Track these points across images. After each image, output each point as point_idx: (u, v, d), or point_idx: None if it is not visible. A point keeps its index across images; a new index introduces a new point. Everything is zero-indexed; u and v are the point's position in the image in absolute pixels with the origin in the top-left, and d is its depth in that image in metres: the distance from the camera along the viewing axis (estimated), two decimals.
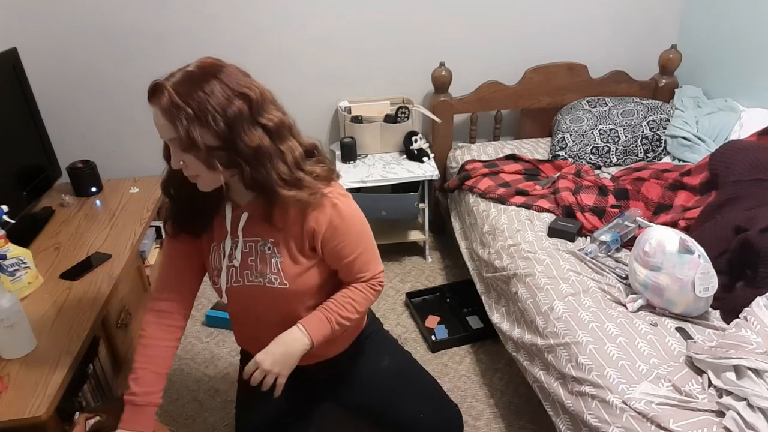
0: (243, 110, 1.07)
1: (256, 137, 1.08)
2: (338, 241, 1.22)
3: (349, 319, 1.28)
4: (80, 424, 1.36)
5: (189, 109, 1.03)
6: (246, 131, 1.08)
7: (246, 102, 1.07)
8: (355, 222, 1.24)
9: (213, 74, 1.07)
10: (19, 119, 2.09)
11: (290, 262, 1.23)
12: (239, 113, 1.06)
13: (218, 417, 1.85)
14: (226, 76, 1.08)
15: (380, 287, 1.33)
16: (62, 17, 2.30)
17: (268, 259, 1.23)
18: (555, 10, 2.59)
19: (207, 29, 2.40)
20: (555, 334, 1.46)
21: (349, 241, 1.23)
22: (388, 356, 1.51)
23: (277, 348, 1.21)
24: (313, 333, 1.23)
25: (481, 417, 1.81)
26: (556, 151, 2.43)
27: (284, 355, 1.21)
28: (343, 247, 1.23)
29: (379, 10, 2.48)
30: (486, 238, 1.99)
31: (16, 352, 1.42)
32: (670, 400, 1.17)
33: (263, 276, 1.24)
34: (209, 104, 1.04)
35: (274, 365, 1.20)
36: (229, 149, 1.08)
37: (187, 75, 1.07)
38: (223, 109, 1.05)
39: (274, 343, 1.22)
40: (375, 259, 1.31)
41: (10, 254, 1.61)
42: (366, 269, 1.29)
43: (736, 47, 2.40)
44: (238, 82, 1.08)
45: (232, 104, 1.06)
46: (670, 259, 1.39)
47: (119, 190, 2.33)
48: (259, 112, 1.09)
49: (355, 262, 1.26)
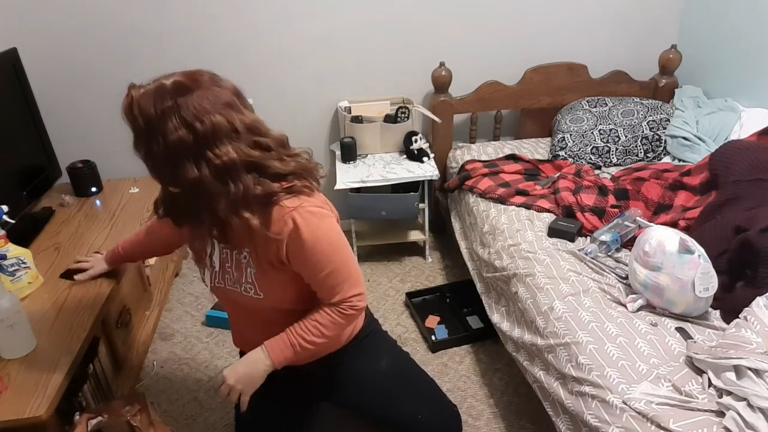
0: (186, 141, 1.04)
1: (193, 171, 1.06)
2: (303, 259, 1.18)
3: (314, 343, 1.25)
4: (81, 424, 1.36)
5: (140, 121, 1.06)
6: (184, 162, 1.06)
7: (191, 133, 1.04)
8: (322, 240, 1.17)
9: (177, 95, 1.05)
10: (19, 119, 2.09)
11: (263, 274, 1.22)
12: (180, 143, 1.04)
13: (218, 417, 1.86)
14: (189, 100, 1.04)
15: (352, 311, 1.25)
16: (62, 17, 2.30)
17: (244, 268, 1.23)
18: (555, 10, 2.59)
19: (207, 29, 2.40)
20: (555, 334, 1.47)
21: (315, 260, 1.18)
22: (386, 357, 1.51)
23: (240, 367, 1.25)
24: (274, 356, 1.24)
25: (481, 417, 1.81)
26: (556, 151, 2.43)
27: (246, 375, 1.24)
28: (311, 265, 1.19)
29: (379, 10, 2.48)
30: (486, 238, 1.99)
31: (16, 352, 1.42)
32: (670, 400, 1.17)
33: (239, 284, 1.25)
34: (156, 124, 1.04)
35: (238, 382, 1.24)
36: (167, 172, 1.09)
37: (157, 89, 1.07)
38: (164, 134, 1.04)
39: (240, 361, 1.26)
40: (349, 281, 1.23)
41: (10, 254, 1.60)
42: (338, 290, 1.23)
43: (736, 47, 2.40)
44: (194, 111, 1.04)
45: (176, 132, 1.04)
46: (670, 259, 1.39)
47: (119, 190, 2.33)
48: (208, 147, 1.06)
49: (325, 280, 1.21)
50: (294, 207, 1.14)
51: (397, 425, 1.43)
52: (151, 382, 2.00)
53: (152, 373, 2.04)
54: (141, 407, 1.46)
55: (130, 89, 1.08)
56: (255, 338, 1.28)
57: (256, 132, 1.12)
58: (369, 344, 1.49)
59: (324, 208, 1.20)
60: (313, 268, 1.19)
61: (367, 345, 1.48)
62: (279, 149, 1.16)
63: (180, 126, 1.04)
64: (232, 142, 1.08)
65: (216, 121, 1.05)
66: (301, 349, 1.24)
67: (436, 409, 1.48)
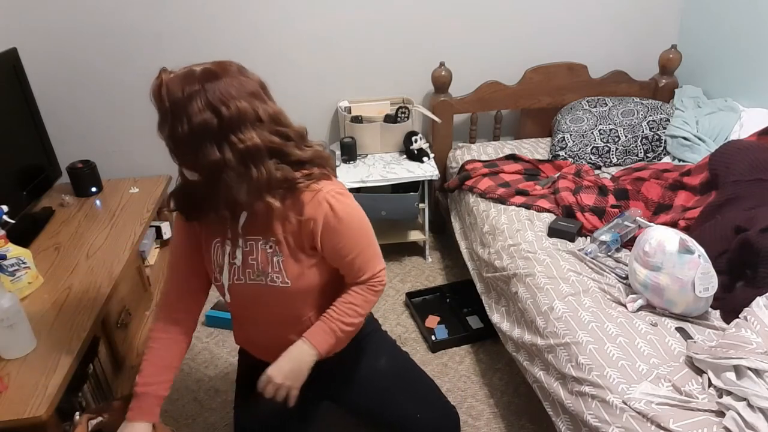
0: (210, 124, 1.07)
1: (215, 153, 1.09)
2: (336, 240, 1.22)
3: (352, 324, 1.29)
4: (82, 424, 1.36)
5: (166, 103, 1.07)
6: (207, 145, 1.08)
7: (216, 116, 1.07)
8: (353, 221, 1.24)
9: (205, 80, 1.07)
10: (19, 119, 2.09)
11: (292, 261, 1.23)
12: (204, 125, 1.06)
13: (218, 417, 1.86)
14: (216, 85, 1.07)
15: (381, 287, 1.33)
16: (62, 17, 2.30)
17: (270, 258, 1.24)
18: (555, 10, 2.59)
19: (207, 29, 2.40)
20: (555, 334, 1.47)
21: (347, 241, 1.23)
22: (386, 356, 1.51)
23: (286, 363, 1.25)
24: (318, 344, 1.26)
25: (481, 417, 1.81)
26: (556, 151, 2.43)
27: (293, 370, 1.25)
28: (342, 246, 1.23)
29: (379, 10, 2.48)
30: (486, 238, 1.99)
31: (16, 352, 1.42)
32: (670, 400, 1.17)
33: (265, 275, 1.25)
34: (182, 106, 1.06)
35: (286, 379, 1.24)
36: (189, 154, 1.11)
37: (186, 74, 1.09)
38: (189, 116, 1.06)
39: (283, 358, 1.25)
40: (375, 258, 1.31)
41: (10, 254, 1.60)
42: (366, 268, 1.28)
43: (736, 47, 2.40)
44: (220, 96, 1.07)
45: (201, 115, 1.06)
46: (670, 259, 1.39)
47: (119, 190, 2.33)
48: (231, 131, 1.08)
49: (354, 261, 1.26)
50: (324, 190, 1.19)
51: (394, 425, 1.43)
52: None
53: None
54: None
55: (161, 73, 1.10)
56: (265, 335, 1.32)
57: (278, 122, 1.16)
58: (369, 343, 1.49)
59: (347, 191, 1.25)
60: (345, 248, 1.24)
61: (367, 344, 1.48)
62: (298, 140, 1.20)
63: (205, 109, 1.06)
64: (255, 129, 1.11)
65: (241, 107, 1.08)
66: (342, 333, 1.28)
67: (435, 410, 1.48)
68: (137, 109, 2.51)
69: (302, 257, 1.24)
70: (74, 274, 1.76)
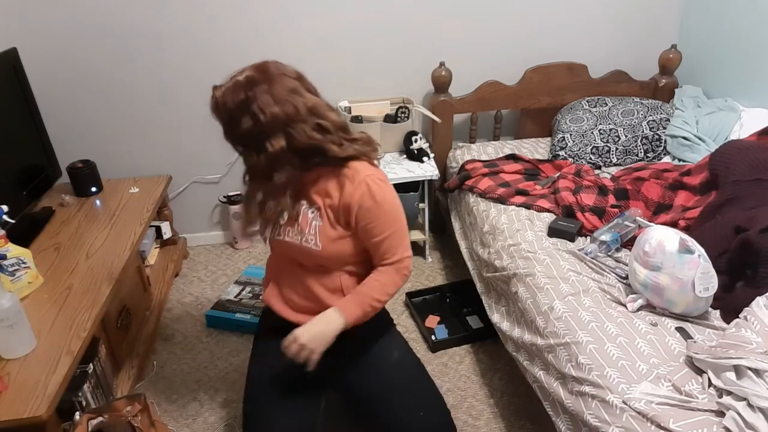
0: (251, 129, 1.24)
1: (252, 156, 1.28)
2: (369, 220, 1.34)
3: (379, 301, 1.40)
4: (82, 424, 1.36)
5: (224, 115, 1.26)
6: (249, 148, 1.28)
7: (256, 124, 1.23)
8: (387, 205, 1.35)
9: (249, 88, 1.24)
10: (19, 119, 2.09)
11: (329, 227, 1.37)
12: (248, 131, 1.24)
13: (218, 417, 1.86)
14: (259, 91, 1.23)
15: (407, 272, 1.43)
16: (62, 17, 2.30)
17: (310, 221, 1.38)
18: (555, 10, 2.59)
19: (207, 29, 2.40)
20: (555, 334, 1.47)
21: (379, 222, 1.35)
22: (399, 351, 1.56)
23: (314, 326, 1.34)
24: (348, 315, 1.37)
25: (481, 417, 1.81)
26: (556, 151, 2.43)
27: (320, 333, 1.34)
28: (374, 227, 1.35)
29: (379, 10, 2.48)
30: (486, 238, 1.99)
31: (16, 352, 1.42)
32: (670, 400, 1.17)
33: (302, 234, 1.39)
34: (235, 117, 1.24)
35: (311, 341, 1.32)
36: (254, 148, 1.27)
37: (233, 86, 1.25)
38: (240, 123, 1.24)
39: (313, 321, 1.35)
40: (403, 245, 1.41)
41: (10, 254, 1.61)
42: (393, 252, 1.39)
43: (736, 47, 2.40)
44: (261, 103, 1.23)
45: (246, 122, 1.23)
46: (670, 259, 1.39)
47: (119, 190, 2.33)
48: (266, 137, 1.25)
49: (383, 242, 1.37)
50: (364, 173, 1.34)
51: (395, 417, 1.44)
52: (151, 382, 2.00)
53: (152, 373, 2.04)
54: (141, 407, 1.47)
55: (214, 90, 1.27)
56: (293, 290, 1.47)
57: (318, 114, 1.29)
58: (386, 333, 1.57)
59: (386, 179, 1.39)
60: (376, 229, 1.36)
61: (385, 333, 1.56)
62: (338, 133, 1.33)
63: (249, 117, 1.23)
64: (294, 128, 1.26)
65: (285, 109, 1.24)
66: (370, 308, 1.40)
67: (437, 415, 1.48)
68: (137, 109, 2.51)
69: (338, 228, 1.37)
70: (74, 274, 1.76)
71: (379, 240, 1.37)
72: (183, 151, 2.63)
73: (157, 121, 2.55)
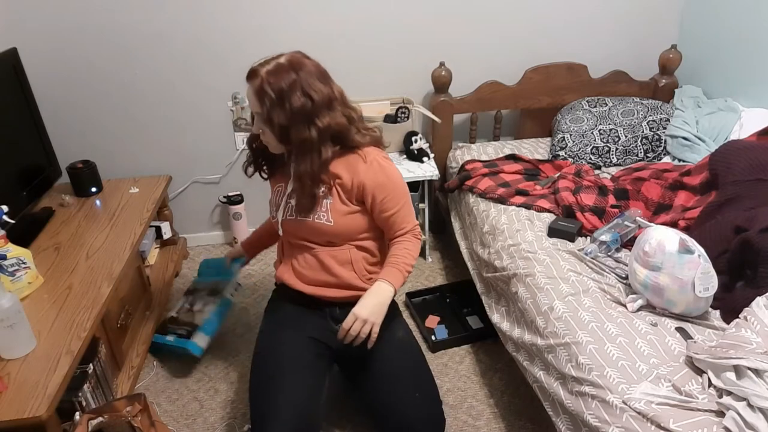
0: (305, 107, 1.35)
1: (305, 131, 1.37)
2: (383, 195, 1.48)
3: (411, 265, 1.54)
4: (82, 424, 1.36)
5: (273, 94, 1.34)
6: (301, 124, 1.37)
7: (310, 101, 1.36)
8: (397, 180, 1.51)
9: (296, 69, 1.37)
10: (19, 119, 2.09)
11: (339, 204, 1.49)
12: (301, 108, 1.35)
13: (218, 417, 1.86)
14: (304, 74, 1.37)
15: (420, 237, 1.60)
16: (62, 17, 2.30)
17: (321, 200, 1.49)
18: (555, 10, 2.59)
19: (207, 29, 2.40)
20: (555, 334, 1.47)
21: (392, 196, 1.49)
22: (403, 331, 1.67)
23: (369, 300, 1.46)
24: (393, 281, 1.49)
25: (481, 417, 1.81)
26: (556, 151, 2.43)
27: (377, 305, 1.46)
28: (387, 201, 1.49)
29: (379, 10, 2.48)
30: (486, 238, 1.99)
31: (16, 352, 1.42)
32: (670, 400, 1.17)
33: (313, 212, 1.49)
34: (286, 94, 1.34)
35: (371, 315, 1.44)
36: (289, 132, 1.38)
37: (277, 66, 1.37)
38: (292, 100, 1.34)
39: (366, 297, 1.46)
40: (411, 214, 1.57)
41: (10, 254, 1.61)
42: (406, 221, 1.55)
43: (736, 47, 2.40)
44: (310, 83, 1.37)
45: (299, 99, 1.35)
46: (670, 259, 1.39)
47: (119, 190, 2.33)
48: (316, 114, 1.37)
49: (397, 214, 1.52)
50: (373, 154, 1.48)
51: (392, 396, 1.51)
52: (151, 382, 2.00)
53: (152, 373, 2.04)
54: (141, 407, 1.47)
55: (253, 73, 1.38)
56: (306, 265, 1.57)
57: (345, 102, 1.47)
58: (393, 312, 1.64)
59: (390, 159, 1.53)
60: (390, 203, 1.49)
61: (392, 311, 1.61)
62: (359, 121, 1.50)
63: (302, 95, 1.35)
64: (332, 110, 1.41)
65: (328, 91, 1.41)
66: (407, 272, 1.53)
67: (431, 399, 1.56)
68: (137, 109, 2.51)
69: (348, 204, 1.49)
70: (74, 274, 1.76)
71: (394, 212, 1.51)
72: (183, 151, 2.63)
73: (157, 121, 2.55)
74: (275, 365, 1.51)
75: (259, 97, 1.36)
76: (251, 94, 1.39)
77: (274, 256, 1.86)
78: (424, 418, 1.51)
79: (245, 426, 1.78)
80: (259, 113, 1.39)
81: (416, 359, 1.63)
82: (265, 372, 1.51)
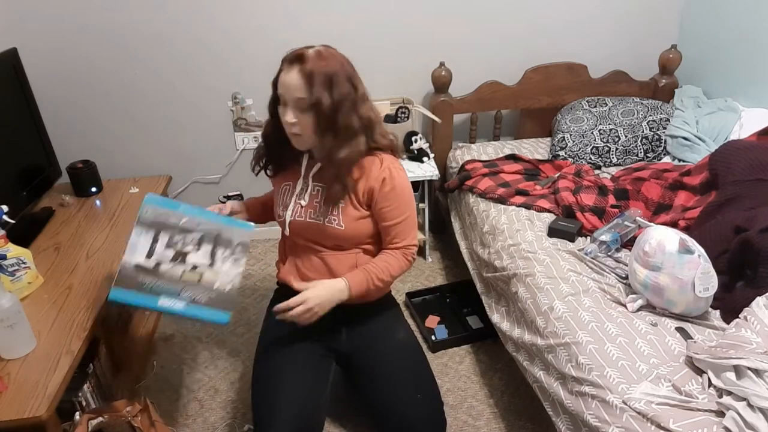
0: (351, 93, 1.36)
1: (350, 117, 1.36)
2: (387, 204, 1.46)
3: (383, 281, 1.50)
4: (82, 424, 1.36)
5: (323, 78, 1.32)
6: (347, 110, 1.36)
7: (353, 89, 1.37)
8: (405, 192, 1.48)
9: (337, 58, 1.38)
10: (19, 119, 2.09)
11: (351, 209, 1.47)
12: (347, 95, 1.35)
13: (218, 417, 1.86)
14: (346, 64, 1.39)
15: (412, 258, 1.55)
16: (62, 17, 2.30)
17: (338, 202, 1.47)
18: (555, 10, 2.59)
19: (207, 29, 2.40)
20: (555, 334, 1.47)
21: (395, 206, 1.46)
22: (404, 332, 1.66)
23: (322, 291, 1.43)
24: (353, 288, 1.46)
25: (481, 417, 1.81)
26: (556, 151, 2.43)
27: (328, 300, 1.43)
28: (390, 210, 1.46)
29: (379, 10, 2.48)
30: (486, 238, 1.99)
31: (16, 352, 1.42)
32: (670, 400, 1.17)
33: (324, 216, 1.48)
34: (335, 78, 1.33)
35: (319, 308, 1.41)
36: (335, 117, 1.34)
37: (321, 52, 1.35)
38: (340, 86, 1.33)
39: (322, 287, 1.43)
40: (412, 232, 1.53)
41: (10, 254, 1.60)
42: (402, 237, 1.51)
43: (736, 47, 2.40)
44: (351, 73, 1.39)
45: (346, 85, 1.35)
46: (670, 259, 1.39)
47: (119, 190, 2.33)
48: (359, 103, 1.39)
49: (395, 226, 1.49)
50: (388, 160, 1.46)
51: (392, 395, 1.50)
52: (151, 382, 2.00)
53: (152, 373, 2.04)
54: (142, 407, 1.47)
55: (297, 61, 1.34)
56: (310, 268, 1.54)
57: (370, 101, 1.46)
58: (394, 314, 1.67)
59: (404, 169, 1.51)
60: (391, 212, 1.47)
61: (393, 312, 1.66)
62: (380, 125, 1.47)
63: (346, 81, 1.36)
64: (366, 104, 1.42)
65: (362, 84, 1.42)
66: (373, 286, 1.49)
67: (432, 400, 1.56)
68: (137, 109, 2.51)
69: (359, 208, 1.47)
70: (74, 274, 1.76)
71: (393, 224, 1.48)
72: (183, 151, 2.63)
73: (157, 121, 2.55)
74: (277, 366, 1.51)
75: (308, 80, 1.31)
76: (296, 78, 1.32)
77: (274, 257, 1.86)
78: (424, 419, 1.51)
79: (245, 426, 1.78)
80: (301, 98, 1.33)
81: (417, 360, 1.62)
82: (267, 372, 1.52)
